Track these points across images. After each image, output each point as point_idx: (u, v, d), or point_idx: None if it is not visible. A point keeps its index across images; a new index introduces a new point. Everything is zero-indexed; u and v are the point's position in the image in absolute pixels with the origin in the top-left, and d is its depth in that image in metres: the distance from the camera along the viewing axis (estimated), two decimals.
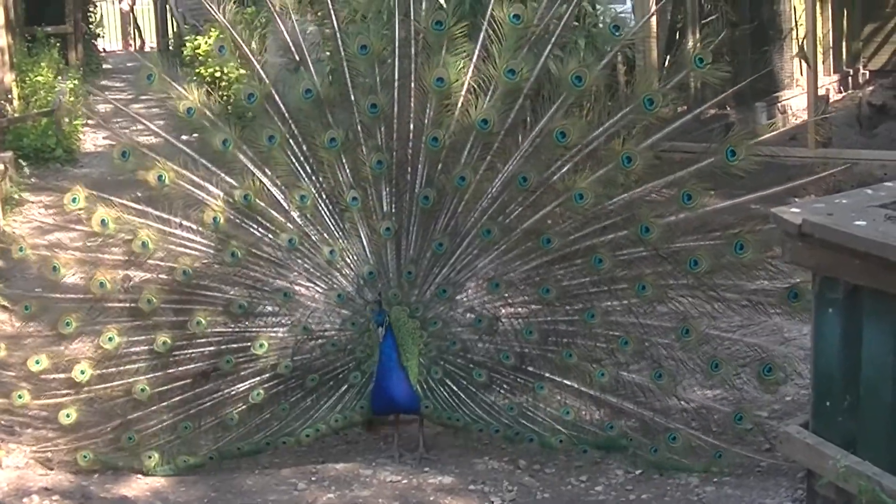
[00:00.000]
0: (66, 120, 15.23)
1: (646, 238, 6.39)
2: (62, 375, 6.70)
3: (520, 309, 6.71)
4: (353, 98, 6.69)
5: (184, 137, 6.87)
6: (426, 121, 6.61)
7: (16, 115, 15.22)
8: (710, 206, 6.38)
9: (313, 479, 6.49)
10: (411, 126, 6.64)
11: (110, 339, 6.64)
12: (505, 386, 6.70)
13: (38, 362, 6.66)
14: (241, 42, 6.84)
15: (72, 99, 15.92)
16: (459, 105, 6.57)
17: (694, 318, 6.41)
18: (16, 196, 12.92)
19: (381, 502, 6.18)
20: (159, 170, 6.71)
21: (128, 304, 6.70)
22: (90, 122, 13.88)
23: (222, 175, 6.77)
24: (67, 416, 6.63)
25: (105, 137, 7.16)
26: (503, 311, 6.71)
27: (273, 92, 6.75)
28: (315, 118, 6.72)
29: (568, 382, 6.61)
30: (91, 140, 11.73)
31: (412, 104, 6.61)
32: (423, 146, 6.62)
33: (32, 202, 12.86)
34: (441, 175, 6.64)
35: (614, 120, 6.45)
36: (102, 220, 6.69)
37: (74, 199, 6.74)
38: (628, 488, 6.18)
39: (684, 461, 6.32)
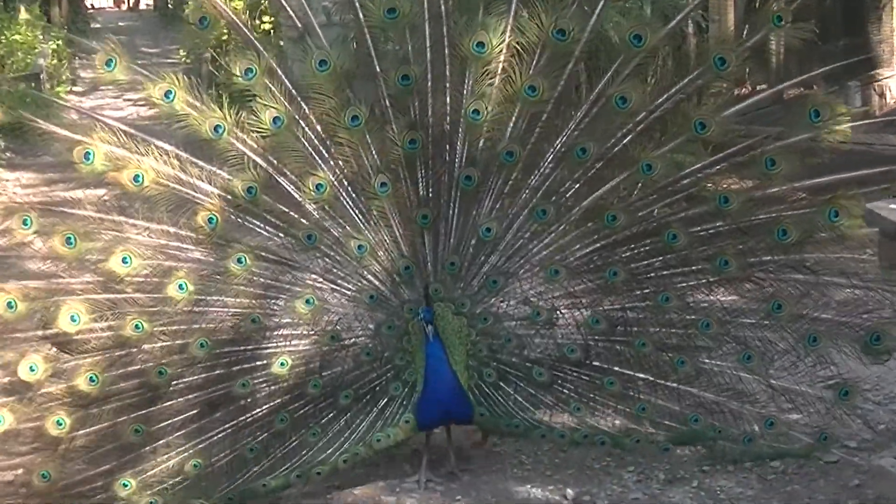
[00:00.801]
0: (48, 86, 13.90)
1: (725, 209, 5.78)
2: (31, 425, 5.75)
3: (582, 297, 6.05)
4: (378, 69, 5.79)
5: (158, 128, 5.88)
6: (465, 91, 5.81)
7: None
8: (797, 179, 5.75)
9: None
10: (448, 98, 5.82)
11: (92, 379, 5.72)
12: (568, 385, 6.11)
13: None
14: (223, 8, 5.83)
15: (55, 62, 14.43)
16: (501, 72, 5.77)
17: (785, 294, 5.83)
18: None
19: None
20: (134, 168, 5.73)
21: (109, 334, 5.78)
22: (76, 88, 12.37)
23: (215, 168, 5.83)
24: (44, 475, 5.69)
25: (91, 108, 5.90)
26: (562, 301, 6.05)
27: (275, 65, 5.81)
28: (332, 94, 5.79)
29: (641, 375, 6.05)
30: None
31: (448, 73, 5.78)
32: (463, 120, 5.84)
33: (7, 180, 11.92)
34: (485, 151, 5.88)
35: (683, 83, 5.77)
36: (68, 239, 5.70)
37: (26, 221, 5.71)
38: None
39: (784, 447, 5.92)
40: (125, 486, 5.68)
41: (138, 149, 5.71)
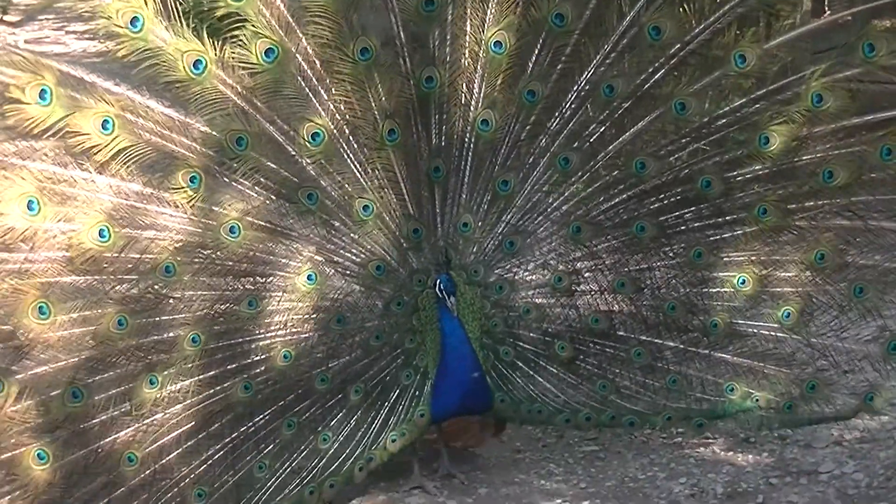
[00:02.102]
0: None
1: (765, 151, 5.39)
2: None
3: (605, 258, 5.57)
4: None
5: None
6: (487, 20, 5.22)
7: None
8: (850, 118, 5.37)
9: None
10: (468, 27, 5.21)
11: (75, 394, 4.85)
12: (591, 360, 5.67)
13: None
14: None
15: None
16: None
17: (828, 243, 5.49)
18: None
19: None
20: (102, 112, 4.80)
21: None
22: (6, 17, 10.78)
23: (194, 121, 4.97)
24: None
25: (28, 42, 4.73)
26: (584, 263, 5.57)
27: None
28: (338, 19, 5.05)
29: (671, 343, 5.63)
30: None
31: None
32: (483, 53, 5.25)
33: None
34: (504, 91, 5.32)
35: (722, 12, 5.31)
36: (29, 203, 4.73)
37: None
38: None
39: (827, 411, 5.60)
40: None
41: (101, 96, 4.79)
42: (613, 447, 5.83)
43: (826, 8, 6.92)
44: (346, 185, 5.23)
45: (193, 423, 5.07)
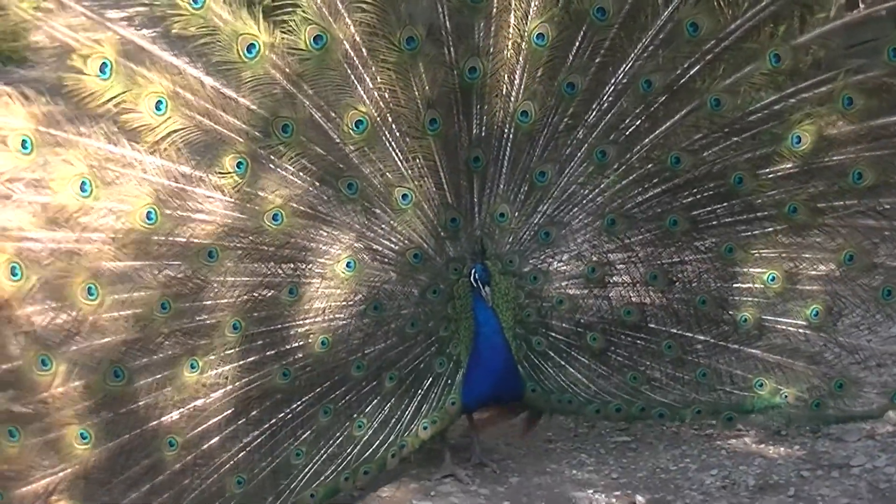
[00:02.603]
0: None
1: (797, 150, 5.53)
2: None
3: (638, 250, 5.71)
4: None
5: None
6: (531, 12, 5.37)
7: None
8: (877, 118, 5.50)
9: None
10: (512, 19, 5.35)
11: (116, 373, 4.92)
12: (622, 352, 5.79)
13: None
14: None
15: None
16: None
17: (857, 244, 5.63)
18: None
19: None
20: (157, 92, 4.89)
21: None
22: (46, 4, 10.74)
23: (242, 98, 5.05)
24: None
25: (69, 27, 4.73)
26: (617, 255, 5.71)
27: None
28: (386, 7, 5.17)
29: (701, 337, 5.76)
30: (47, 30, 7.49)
31: None
32: (525, 45, 5.39)
33: None
34: (544, 83, 5.46)
35: (758, 8, 5.44)
36: (83, 184, 4.80)
37: (25, 142, 4.71)
38: None
39: (855, 410, 5.73)
40: None
41: (158, 70, 4.87)
42: (645, 438, 5.93)
43: (860, 2, 7.00)
44: (387, 173, 5.34)
45: (233, 409, 5.15)
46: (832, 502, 5.29)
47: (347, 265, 5.32)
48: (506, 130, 5.47)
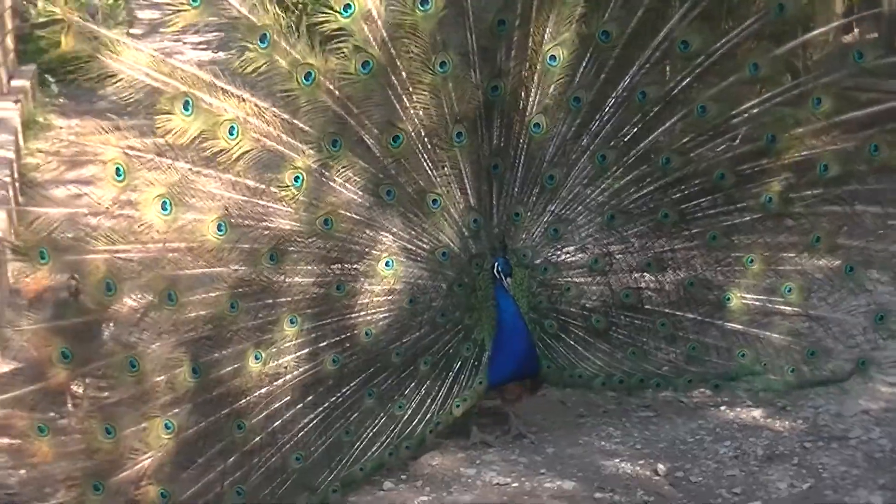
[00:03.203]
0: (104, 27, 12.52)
1: (771, 147, 6.35)
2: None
3: (634, 241, 6.48)
4: (470, 12, 5.96)
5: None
6: (546, 36, 6.11)
7: (40, 18, 12.81)
8: (844, 114, 6.33)
9: (403, 477, 6.06)
10: (530, 43, 6.11)
11: (194, 370, 5.57)
12: (622, 331, 6.56)
13: None
14: None
15: (110, 1, 13.11)
16: (578, 16, 6.13)
17: (823, 228, 6.45)
18: (40, 119, 11.26)
19: None
20: (230, 119, 5.57)
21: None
22: (133, 31, 11.25)
23: (297, 121, 5.75)
24: (163, 495, 5.47)
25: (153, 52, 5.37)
26: (616, 246, 6.48)
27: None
28: (426, 37, 5.85)
29: (690, 315, 6.54)
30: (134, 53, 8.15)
31: (534, 17, 6.08)
32: (540, 65, 6.14)
33: (61, 127, 11.05)
34: (554, 98, 6.21)
35: (743, 27, 6.23)
36: (163, 203, 5.49)
37: (119, 171, 5.41)
38: None
39: (825, 375, 6.49)
40: (239, 494, 5.59)
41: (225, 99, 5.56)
42: (665, 413, 6.58)
43: (854, 26, 7.75)
44: (419, 181, 6.04)
45: (290, 395, 5.81)
46: (832, 470, 5.93)
47: (386, 264, 6.02)
48: (521, 140, 6.19)
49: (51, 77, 13.13)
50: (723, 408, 6.60)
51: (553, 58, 6.09)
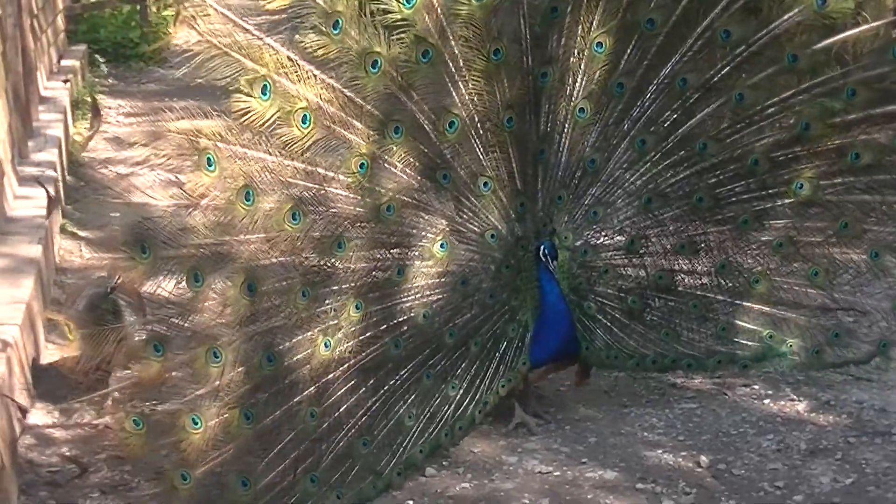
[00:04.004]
0: (154, 9, 13.34)
1: (805, 135, 6.60)
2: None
3: (669, 224, 6.74)
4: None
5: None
6: (594, 24, 6.34)
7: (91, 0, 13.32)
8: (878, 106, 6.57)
9: (445, 463, 6.24)
10: (579, 30, 6.34)
11: (269, 358, 5.69)
12: (656, 312, 6.81)
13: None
14: None
15: None
16: (626, 3, 6.37)
17: (851, 214, 6.72)
18: (89, 99, 11.24)
19: (526, 497, 5.93)
20: (303, 108, 5.70)
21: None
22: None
23: (367, 106, 5.90)
24: (244, 483, 5.58)
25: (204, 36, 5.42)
26: (652, 230, 6.73)
27: None
28: (481, 25, 6.04)
29: (721, 297, 6.82)
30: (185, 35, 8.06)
31: (584, 3, 6.31)
32: (587, 52, 6.38)
33: (110, 108, 11.14)
34: (599, 84, 6.44)
35: (782, 19, 6.44)
36: (247, 194, 5.59)
37: (210, 160, 5.48)
38: (835, 500, 5.85)
39: (848, 356, 6.82)
40: (313, 482, 5.75)
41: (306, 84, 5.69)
42: (709, 405, 6.77)
43: None
44: (472, 166, 6.25)
45: (355, 380, 5.98)
46: (875, 465, 6.08)
47: (441, 246, 6.22)
48: (566, 126, 6.42)
49: (100, 57, 13.32)
50: (766, 401, 6.82)
51: (600, 44, 6.33)
